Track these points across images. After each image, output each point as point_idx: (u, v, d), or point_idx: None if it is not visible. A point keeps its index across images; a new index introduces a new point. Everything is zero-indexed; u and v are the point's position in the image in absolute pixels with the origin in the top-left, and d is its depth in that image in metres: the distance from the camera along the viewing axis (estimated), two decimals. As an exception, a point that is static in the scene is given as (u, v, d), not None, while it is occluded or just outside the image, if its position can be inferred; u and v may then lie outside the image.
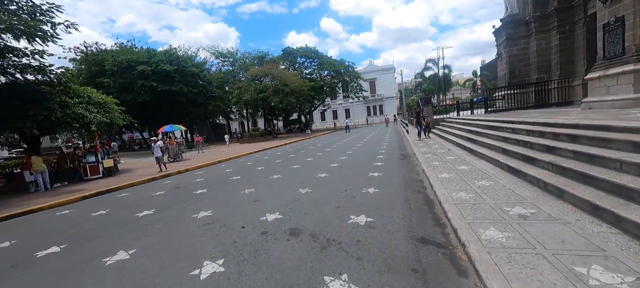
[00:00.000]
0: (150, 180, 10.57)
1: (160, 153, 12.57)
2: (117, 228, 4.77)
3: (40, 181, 10.26)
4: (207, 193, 6.79)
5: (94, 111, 12.01)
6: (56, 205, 7.73)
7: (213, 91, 30.81)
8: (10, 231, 5.39)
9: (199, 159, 15.55)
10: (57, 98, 10.96)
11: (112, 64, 22.89)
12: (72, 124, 11.02)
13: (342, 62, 41.66)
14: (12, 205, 8.01)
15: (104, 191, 9.08)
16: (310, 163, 10.16)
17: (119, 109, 13.85)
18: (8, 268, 3.60)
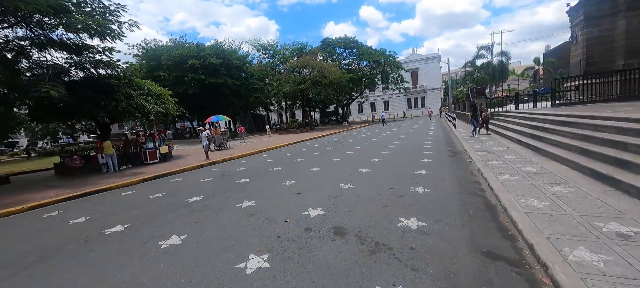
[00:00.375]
0: (198, 166, 11.32)
1: (207, 142, 13.38)
2: (171, 212, 5.09)
3: (110, 164, 11.65)
4: (250, 183, 6.96)
5: (152, 102, 13.20)
6: (122, 185, 8.67)
7: (254, 83, 32.00)
8: (86, 208, 6.14)
9: (242, 149, 16.27)
10: (123, 90, 12.25)
11: (167, 59, 25.03)
12: (135, 113, 12.26)
13: (382, 51, 39.97)
14: (88, 183, 9.21)
15: (160, 175, 9.94)
16: (350, 157, 9.87)
17: (173, 100, 15.06)
18: (82, 242, 4.04)
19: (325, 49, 39.01)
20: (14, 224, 5.46)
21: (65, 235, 4.39)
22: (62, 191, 8.17)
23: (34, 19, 10.92)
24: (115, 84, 12.01)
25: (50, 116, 11.84)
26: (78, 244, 3.98)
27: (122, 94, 12.05)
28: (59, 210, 6.23)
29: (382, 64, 39.97)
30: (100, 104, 11.25)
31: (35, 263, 3.47)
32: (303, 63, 31.45)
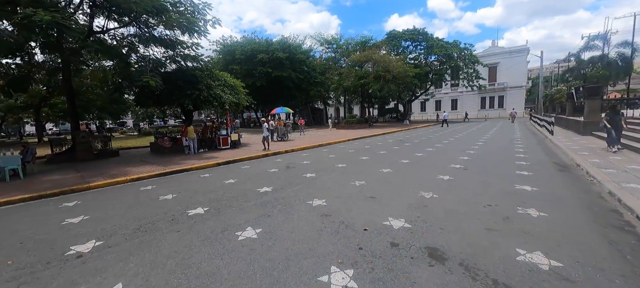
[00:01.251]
0: (263, 155, 11.76)
1: (268, 133, 13.87)
2: (244, 200, 5.14)
3: (191, 146, 13.05)
4: (317, 179, 6.72)
5: (227, 92, 14.26)
6: (200, 167, 9.50)
7: (316, 76, 32.42)
8: (172, 186, 6.78)
9: (302, 141, 16.49)
10: (205, 81, 13.49)
11: (240, 53, 27.16)
12: (213, 102, 13.42)
13: (455, 44, 35.91)
14: (174, 162, 10.38)
15: (231, 161, 10.61)
16: (423, 160, 8.85)
17: (244, 91, 16.08)
18: (170, 220, 4.30)
19: (390, 42, 37.00)
20: (120, 193, 6.35)
21: (157, 211, 4.78)
22: (154, 168, 9.37)
23: (142, 18, 12.73)
24: (199, 75, 13.32)
25: (149, 102, 13.82)
26: (166, 221, 4.25)
27: (204, 85, 13.29)
28: (152, 184, 7.04)
29: (454, 58, 35.97)
30: (186, 93, 12.62)
31: (134, 235, 3.78)
32: (366, 57, 30.37)
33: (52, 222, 4.46)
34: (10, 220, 4.79)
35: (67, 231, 4.04)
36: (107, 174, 8.59)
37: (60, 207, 5.38)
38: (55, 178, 8.37)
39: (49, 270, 2.95)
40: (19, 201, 6.18)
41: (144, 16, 12.34)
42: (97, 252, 3.33)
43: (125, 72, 15.95)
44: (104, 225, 4.18)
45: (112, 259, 3.12)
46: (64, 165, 10.97)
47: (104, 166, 10.48)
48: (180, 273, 2.78)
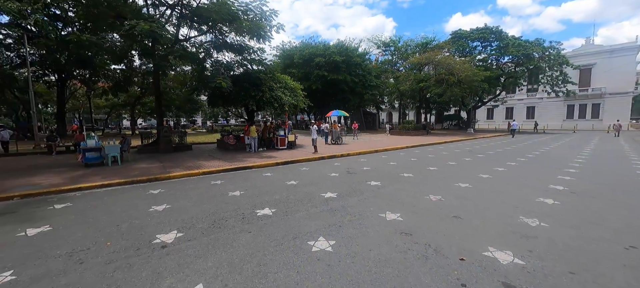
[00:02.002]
0: (319, 158, 11.63)
1: (316, 136, 13.73)
2: (310, 205, 4.92)
3: (253, 145, 13.72)
4: (383, 188, 6.17)
5: (287, 94, 14.67)
6: (262, 165, 9.79)
7: (371, 80, 31.55)
8: (239, 182, 7.02)
9: (356, 146, 15.98)
10: (268, 83, 14.10)
11: (298, 57, 28.04)
12: (274, 104, 13.92)
13: (538, 42, 31.00)
14: (238, 159, 10.96)
15: (289, 161, 10.73)
16: (506, 176, 7.51)
17: (302, 94, 16.37)
18: (241, 218, 4.30)
19: (455, 42, 33.92)
20: (194, 184, 6.81)
21: (228, 207, 4.88)
22: (221, 163, 10.00)
23: (217, 26, 13.93)
24: (263, 78, 13.98)
25: (219, 102, 15.03)
26: (237, 219, 4.25)
27: (267, 87, 13.89)
28: (221, 179, 7.41)
29: (534, 59, 31.06)
30: (251, 94, 13.35)
31: (209, 231, 3.83)
32: (427, 59, 28.31)
33: (141, 208, 4.89)
34: (111, 201, 5.45)
35: (153, 218, 4.35)
36: (183, 166, 9.47)
37: (147, 194, 5.96)
38: (143, 166, 9.56)
39: (139, 257, 3.10)
40: (116, 185, 7.13)
41: (219, 24, 13.47)
42: (178, 243, 3.42)
43: (201, 75, 17.76)
44: (183, 216, 4.39)
45: (192, 254, 3.15)
46: (149, 155, 12.60)
47: (180, 158, 11.67)
48: (258, 282, 2.60)
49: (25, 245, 3.42)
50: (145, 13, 13.24)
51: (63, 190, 6.49)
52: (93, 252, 3.22)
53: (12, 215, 4.68)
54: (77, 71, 23.26)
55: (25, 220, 4.37)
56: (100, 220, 4.30)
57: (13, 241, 3.53)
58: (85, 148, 9.49)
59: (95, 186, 6.81)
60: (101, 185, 6.93)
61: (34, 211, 4.81)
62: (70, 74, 22.75)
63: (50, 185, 6.83)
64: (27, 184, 6.95)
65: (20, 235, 3.75)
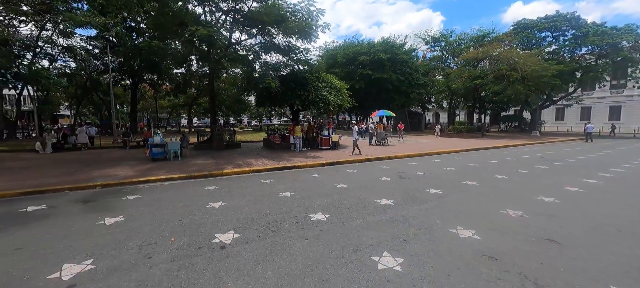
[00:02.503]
0: (366, 160, 11.12)
1: (357, 136, 13.16)
2: (366, 212, 4.55)
3: (297, 144, 13.82)
4: (445, 198, 5.49)
5: (332, 94, 14.44)
6: (307, 166, 9.70)
7: (418, 78, 29.73)
8: (288, 182, 6.95)
9: (404, 148, 15.03)
10: (313, 83, 14.05)
11: (342, 57, 27.71)
12: (319, 103, 13.81)
13: (629, 29, 25.77)
14: (284, 158, 11.05)
15: (335, 162, 10.44)
16: (605, 191, 6.13)
17: (347, 93, 16.00)
18: (295, 223, 4.12)
19: (518, 33, 30.10)
20: (245, 182, 6.94)
21: (281, 209, 4.77)
22: (268, 162, 10.17)
23: (266, 29, 14.34)
24: (308, 78, 13.98)
25: (267, 102, 15.44)
26: (291, 223, 4.09)
27: (313, 86, 13.84)
28: (270, 178, 7.45)
29: (623, 50, 25.90)
30: (297, 94, 13.43)
31: (265, 234, 3.72)
32: (484, 53, 25.55)
33: (200, 204, 5.06)
34: (173, 195, 5.78)
35: (210, 215, 4.42)
36: (234, 164, 9.85)
37: (204, 190, 6.21)
38: (199, 163, 10.21)
39: (200, 256, 3.09)
40: (177, 179, 7.65)
41: (268, 27, 13.82)
42: (236, 245, 3.36)
43: (250, 76, 18.53)
44: (238, 215, 4.38)
45: (250, 259, 3.03)
46: (204, 152, 13.50)
47: (231, 155, 12.25)
48: (322, 300, 2.33)
49: (104, 234, 3.70)
50: (203, 20, 14.21)
51: (134, 181, 7.16)
52: (159, 246, 3.31)
53: (94, 203, 5.23)
54: (147, 75, 26.34)
55: (104, 209, 4.82)
56: (164, 213, 4.52)
57: (94, 229, 3.85)
58: (152, 144, 10.49)
59: (160, 180, 7.40)
60: (165, 179, 7.50)
61: (111, 201, 5.30)
62: (141, 78, 25.83)
63: (124, 176, 7.61)
64: (107, 175, 7.86)
65: (100, 223, 4.10)
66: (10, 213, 4.62)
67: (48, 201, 5.42)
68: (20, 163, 10.35)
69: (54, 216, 4.44)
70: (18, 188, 6.32)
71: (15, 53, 19.69)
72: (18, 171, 8.66)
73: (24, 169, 8.99)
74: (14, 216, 4.49)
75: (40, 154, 12.81)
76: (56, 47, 22.47)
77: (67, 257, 3.06)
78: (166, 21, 13.44)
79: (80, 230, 3.83)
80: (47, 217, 4.35)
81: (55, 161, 10.74)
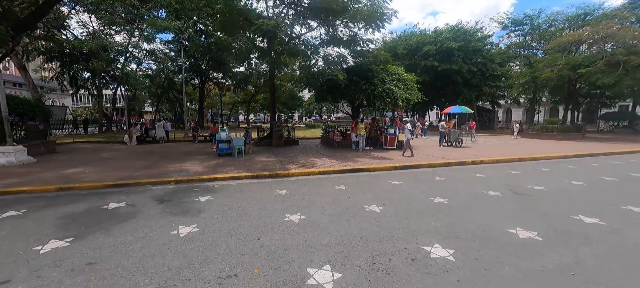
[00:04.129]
0: (445, 164, 9.38)
1: (410, 136, 11.29)
2: (506, 252, 3.17)
3: (360, 143, 12.64)
4: (617, 235, 3.72)
5: (401, 87, 12.84)
6: (378, 169, 8.45)
7: (495, 69, 25.60)
8: (365, 188, 5.87)
9: (483, 150, 12.62)
10: (379, 76, 12.68)
11: (403, 48, 25.42)
12: (386, 98, 12.37)
13: None
14: (348, 159, 9.94)
15: (409, 166, 8.96)
16: None
17: (416, 87, 14.17)
18: (409, 261, 3.01)
19: (637, 9, 23.47)
20: (316, 187, 6.09)
21: (377, 232, 3.72)
22: (333, 162, 9.23)
23: (329, 19, 13.44)
24: (374, 70, 12.65)
25: (328, 96, 14.58)
26: (405, 261, 2.96)
27: (379, 79, 12.49)
28: (343, 184, 6.46)
29: None
30: (362, 88, 12.24)
31: (375, 278, 2.68)
32: (594, 33, 20.37)
33: (276, 215, 4.31)
34: (244, 199, 5.21)
35: (292, 235, 3.59)
36: (297, 163, 9.19)
37: (275, 195, 5.53)
38: (262, 160, 9.85)
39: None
40: (244, 178, 7.23)
41: (332, 16, 12.88)
42: (338, 290, 2.39)
43: (309, 71, 17.96)
44: (327, 239, 3.44)
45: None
46: (264, 148, 13.33)
47: (291, 153, 11.73)
48: None
49: (177, 251, 3.13)
50: (266, 16, 14.01)
51: (204, 178, 6.96)
52: (241, 281, 2.54)
53: (170, 203, 4.93)
54: (212, 74, 28.24)
55: (178, 212, 4.43)
56: (240, 225, 3.86)
57: (169, 243, 3.34)
58: (219, 140, 10.55)
59: (227, 178, 7.09)
60: (232, 177, 7.17)
61: (185, 203, 4.95)
62: (208, 77, 27.78)
63: (195, 172, 7.52)
64: (180, 170, 7.90)
65: (173, 232, 3.61)
66: (94, 210, 4.54)
67: (129, 196, 5.36)
68: (112, 153, 11.46)
69: (133, 218, 4.16)
70: (108, 180, 6.60)
71: (112, 58, 22.82)
72: (109, 161, 9.44)
73: (114, 160, 9.79)
74: (96, 214, 4.37)
75: (127, 146, 14.27)
76: (141, 51, 25.49)
77: (137, 283, 2.50)
78: (233, 18, 13.59)
79: (155, 242, 3.36)
80: (126, 220, 4.07)
81: (138, 153, 11.65)
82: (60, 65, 20.31)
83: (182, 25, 20.58)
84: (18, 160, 8.68)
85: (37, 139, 11.14)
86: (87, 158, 10.27)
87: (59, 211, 4.46)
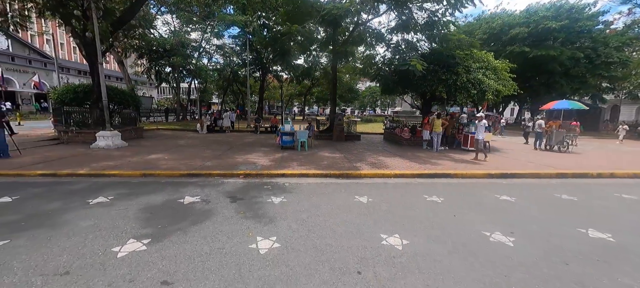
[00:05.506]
0: (557, 175, 7.24)
1: (482, 136, 8.87)
2: None
3: (435, 142, 10.98)
4: None
5: (492, 77, 10.68)
6: (470, 175, 6.91)
7: (609, 54, 20.13)
8: (468, 203, 4.58)
9: (596, 157, 9.63)
10: (463, 63, 10.73)
11: (483, 32, 21.87)
12: (471, 90, 10.38)
13: None
14: (425, 160, 8.34)
15: (508, 174, 7.17)
16: None
17: (510, 76, 11.68)
18: None
19: None
20: (400, 195, 5.02)
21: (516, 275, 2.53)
22: (408, 163, 7.95)
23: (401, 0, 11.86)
24: (458, 57, 10.74)
25: (398, 88, 13.07)
26: None
27: (462, 68, 10.56)
28: (435, 194, 5.24)
29: None
30: (441, 78, 10.50)
31: None
32: None
33: (368, 234, 3.44)
34: (323, 205, 4.49)
35: (402, 269, 2.66)
36: (366, 162, 8.21)
37: (355, 202, 4.67)
38: (327, 155, 9.13)
39: None
40: (313, 175, 6.58)
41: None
42: None
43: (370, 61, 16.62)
44: (447, 283, 2.42)
45: None
46: (325, 143, 12.63)
47: (355, 149, 10.78)
48: None
49: (259, 277, 2.49)
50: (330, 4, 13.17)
51: (272, 173, 6.53)
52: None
53: (242, 202, 4.50)
54: (272, 67, 28.98)
55: (252, 216, 3.91)
56: (328, 245, 3.09)
57: (248, 260, 2.74)
58: (283, 132, 10.23)
59: (296, 174, 6.56)
60: (301, 174, 6.60)
61: (258, 204, 4.45)
62: (268, 70, 28.60)
63: (262, 166, 7.18)
64: (247, 162, 7.70)
65: (252, 246, 3.03)
66: (171, 204, 4.35)
67: (203, 189, 5.16)
68: (186, 141, 12.23)
69: (207, 219, 3.78)
70: (183, 169, 6.68)
71: (188, 54, 25.08)
72: (184, 148, 9.93)
73: (188, 147, 10.28)
74: (173, 208, 4.15)
75: (199, 134, 15.27)
76: (212, 46, 27.46)
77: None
78: (298, 9, 13.16)
79: (234, 260, 2.80)
80: (201, 221, 3.70)
81: (208, 141, 12.18)
82: (149, 61, 23.12)
83: (247, 19, 21.32)
84: (114, 144, 9.70)
85: (129, 126, 12.52)
86: (167, 144, 11.06)
87: (140, 201, 4.39)
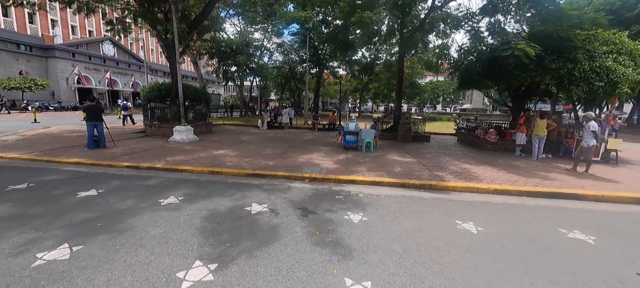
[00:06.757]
0: None
1: (593, 142, 6.07)
2: None
3: (535, 149, 8.75)
4: None
5: (627, 63, 7.96)
6: (602, 197, 4.98)
7: None
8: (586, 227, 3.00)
9: None
10: (585, 46, 8.24)
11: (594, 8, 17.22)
12: (595, 82, 7.87)
13: None
14: (522, 170, 6.47)
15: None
16: None
17: None
18: None
19: None
20: (512, 218, 3.68)
21: None
22: (505, 175, 6.26)
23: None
24: (578, 38, 8.28)
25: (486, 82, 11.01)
26: None
27: (582, 52, 8.10)
28: (564, 224, 3.72)
29: None
30: (550, 67, 8.23)
31: None
32: None
33: (495, 285, 2.34)
34: (419, 230, 3.52)
35: None
36: (448, 170, 6.80)
37: (461, 230, 3.54)
38: (397, 159, 7.95)
39: None
40: (387, 185, 5.59)
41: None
42: None
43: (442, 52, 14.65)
44: None
45: None
46: (390, 144, 11.35)
47: (428, 152, 9.30)
48: None
49: None
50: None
51: (341, 179, 5.76)
52: None
53: (314, 218, 3.81)
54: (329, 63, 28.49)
55: (329, 242, 3.15)
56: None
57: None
58: (346, 131, 9.41)
59: (367, 182, 5.67)
60: (373, 182, 5.68)
61: (332, 222, 3.69)
62: (325, 67, 28.21)
63: (328, 170, 6.47)
64: (310, 163, 7.10)
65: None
66: (238, 213, 3.91)
67: (269, 196, 4.66)
68: (249, 136, 12.42)
69: (278, 237, 3.19)
70: (248, 168, 6.41)
71: (251, 52, 26.28)
72: (248, 144, 9.93)
73: (251, 143, 10.28)
74: (240, 218, 3.69)
75: (260, 130, 15.57)
76: (273, 44, 28.29)
77: None
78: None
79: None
80: (271, 242, 3.10)
81: (269, 138, 12.14)
82: (217, 61, 24.97)
83: (307, 15, 21.13)
84: (187, 138, 10.27)
85: (201, 121, 13.34)
86: (232, 139, 11.33)
87: (206, 206, 4.08)
